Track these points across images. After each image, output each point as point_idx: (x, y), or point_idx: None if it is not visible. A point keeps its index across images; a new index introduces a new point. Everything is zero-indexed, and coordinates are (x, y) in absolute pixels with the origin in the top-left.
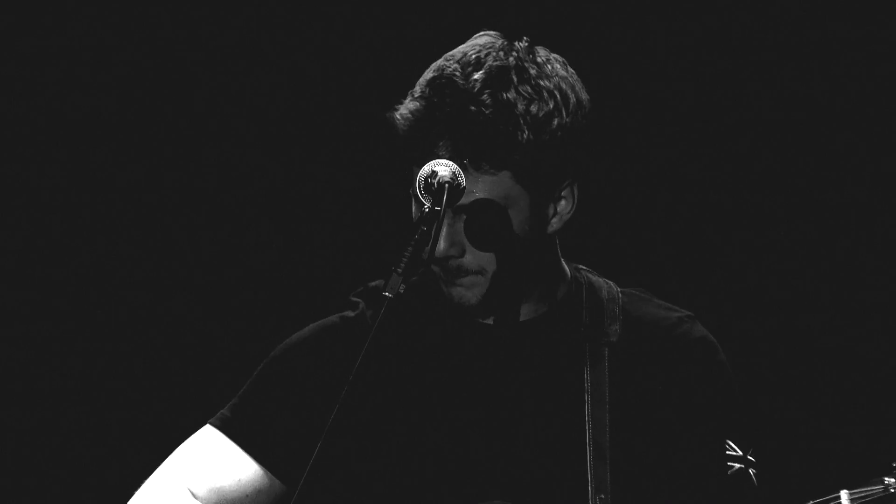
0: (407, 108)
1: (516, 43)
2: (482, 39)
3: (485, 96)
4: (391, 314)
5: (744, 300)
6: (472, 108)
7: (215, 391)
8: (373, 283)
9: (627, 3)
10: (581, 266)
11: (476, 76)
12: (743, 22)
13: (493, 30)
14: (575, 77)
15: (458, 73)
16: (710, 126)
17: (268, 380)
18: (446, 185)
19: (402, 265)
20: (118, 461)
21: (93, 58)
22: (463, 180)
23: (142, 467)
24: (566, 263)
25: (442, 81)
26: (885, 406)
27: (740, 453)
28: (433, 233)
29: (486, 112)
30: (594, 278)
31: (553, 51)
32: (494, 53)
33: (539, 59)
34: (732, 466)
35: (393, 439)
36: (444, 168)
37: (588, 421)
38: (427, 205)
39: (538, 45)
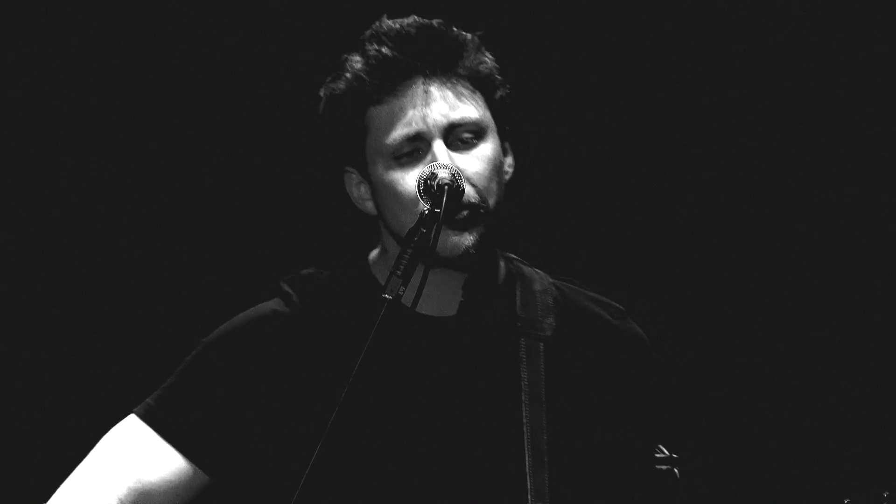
0: (369, 56)
1: None
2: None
3: (449, 30)
4: (383, 315)
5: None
6: (442, 28)
7: (138, 380)
8: (305, 272)
9: None
10: (512, 255)
11: (427, 21)
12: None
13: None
14: None
15: (409, 23)
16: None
17: (195, 369)
18: (446, 186)
19: (402, 267)
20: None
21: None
22: (463, 182)
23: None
24: (498, 252)
25: (396, 29)
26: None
27: (667, 454)
28: (433, 234)
29: (455, 32)
30: (526, 268)
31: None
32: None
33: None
34: (661, 468)
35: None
36: (443, 171)
37: (526, 423)
38: (427, 207)
39: None
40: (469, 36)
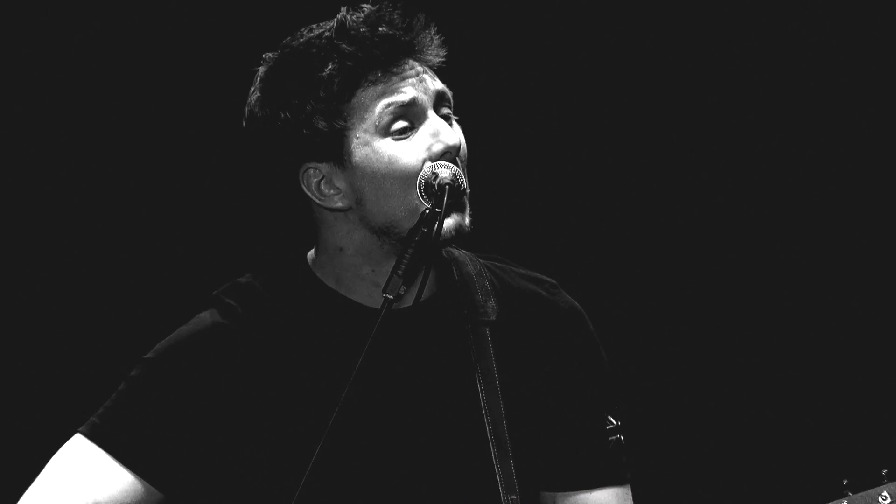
0: (360, 37)
1: None
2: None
3: (415, 14)
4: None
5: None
6: (400, 12)
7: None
8: (242, 280)
9: None
10: None
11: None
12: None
13: None
14: None
15: (380, 11)
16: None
17: (140, 386)
18: (447, 186)
19: (403, 267)
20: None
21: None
22: (464, 181)
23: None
24: None
25: (375, 15)
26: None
27: (615, 423)
28: (433, 233)
29: (420, 17)
30: (455, 251)
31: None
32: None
33: None
34: (611, 440)
35: (284, 447)
36: (444, 170)
37: (486, 413)
38: (427, 206)
39: None
40: (429, 20)
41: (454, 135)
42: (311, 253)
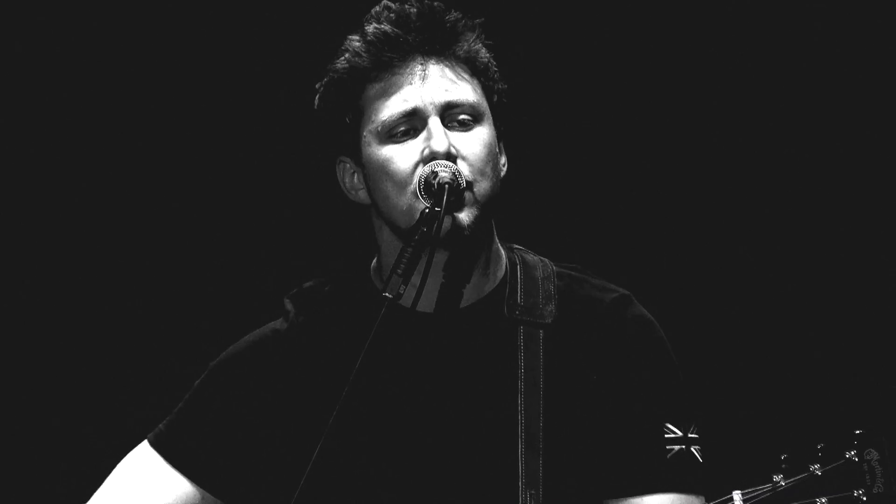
0: (367, 34)
1: None
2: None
3: (449, 12)
4: (386, 316)
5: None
6: (442, 10)
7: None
8: (307, 284)
9: None
10: (514, 245)
11: (429, 3)
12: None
13: None
14: None
15: (409, 4)
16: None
17: (202, 396)
18: (446, 185)
19: (403, 266)
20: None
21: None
22: (463, 181)
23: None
24: (499, 242)
25: (396, 10)
26: (775, 399)
27: (680, 434)
28: (433, 232)
29: (456, 15)
30: (528, 256)
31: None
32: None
33: None
34: (672, 449)
35: (326, 437)
36: (444, 170)
37: (521, 410)
38: (427, 205)
39: None
40: (469, 21)
41: (442, 141)
42: (374, 259)
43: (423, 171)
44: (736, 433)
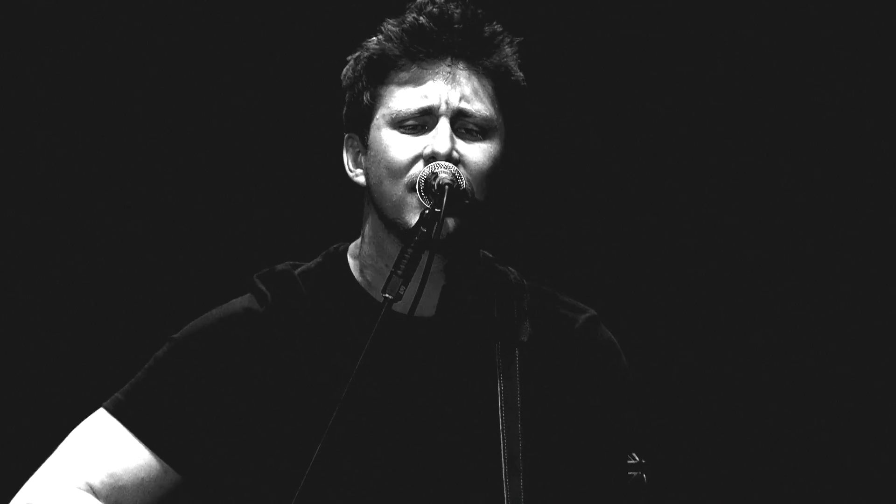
0: (406, 22)
1: None
2: None
3: (491, 23)
4: (387, 316)
5: (644, 296)
6: (484, 19)
7: (110, 372)
8: (280, 267)
9: None
10: (487, 253)
11: (473, 8)
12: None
13: None
14: None
15: (455, 4)
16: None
17: (166, 366)
18: (447, 186)
19: (403, 266)
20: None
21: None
22: (463, 181)
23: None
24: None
25: (441, 5)
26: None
27: (638, 461)
28: (433, 233)
29: (497, 28)
30: (501, 268)
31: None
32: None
33: None
34: (632, 475)
35: (289, 440)
36: (444, 171)
37: (502, 430)
38: (427, 206)
39: None
40: (509, 38)
41: (445, 143)
42: (353, 244)
43: (423, 171)
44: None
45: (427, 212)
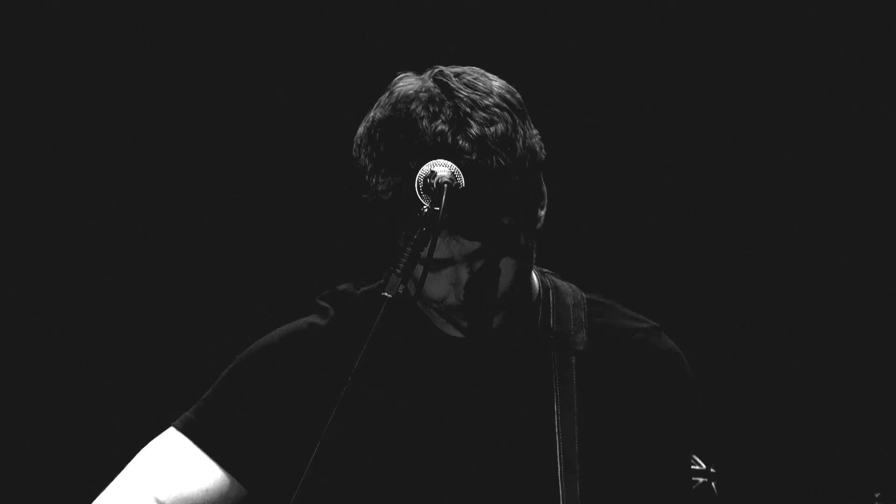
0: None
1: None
2: (406, 83)
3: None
4: (389, 318)
5: (710, 310)
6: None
7: (181, 392)
8: (341, 287)
9: None
10: (545, 269)
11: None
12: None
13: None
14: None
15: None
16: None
17: (233, 384)
18: (445, 185)
19: (402, 266)
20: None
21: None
22: (462, 181)
23: (110, 469)
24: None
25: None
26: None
27: (704, 467)
28: (432, 234)
29: (491, 128)
30: (559, 282)
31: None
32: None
33: (468, 79)
34: (697, 481)
35: (359, 458)
36: (442, 168)
37: (558, 433)
38: (426, 205)
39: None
40: (510, 118)
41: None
42: None
43: (422, 170)
44: (816, 470)
45: (426, 210)
